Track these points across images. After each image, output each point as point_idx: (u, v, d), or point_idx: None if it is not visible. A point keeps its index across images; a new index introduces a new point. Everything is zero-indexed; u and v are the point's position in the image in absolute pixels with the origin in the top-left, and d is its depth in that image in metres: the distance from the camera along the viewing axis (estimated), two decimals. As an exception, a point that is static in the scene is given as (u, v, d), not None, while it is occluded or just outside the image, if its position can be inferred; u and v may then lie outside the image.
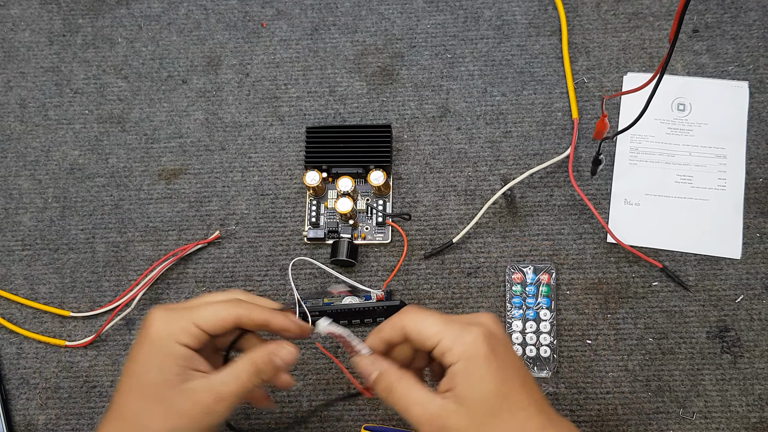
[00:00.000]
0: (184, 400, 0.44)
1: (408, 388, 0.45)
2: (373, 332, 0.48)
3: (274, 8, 0.71)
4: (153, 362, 0.44)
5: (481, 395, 0.44)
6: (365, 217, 0.64)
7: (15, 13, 0.72)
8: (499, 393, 0.44)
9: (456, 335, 0.44)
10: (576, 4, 0.69)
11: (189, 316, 0.45)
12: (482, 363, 0.44)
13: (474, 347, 0.44)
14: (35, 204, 0.67)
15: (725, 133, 0.65)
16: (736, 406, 0.59)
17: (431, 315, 0.46)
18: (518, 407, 0.44)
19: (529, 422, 0.44)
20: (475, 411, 0.43)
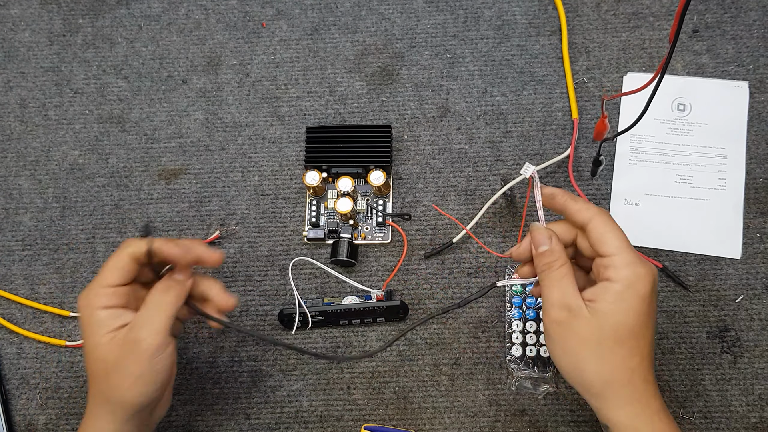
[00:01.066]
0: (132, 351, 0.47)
1: (564, 275, 0.47)
2: (565, 194, 0.50)
3: (274, 8, 0.71)
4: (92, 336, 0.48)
5: (618, 322, 0.45)
6: (365, 217, 0.64)
7: (15, 13, 0.72)
8: (633, 331, 0.46)
9: (632, 261, 0.46)
10: (576, 4, 0.69)
11: (95, 281, 0.49)
12: (638, 298, 0.45)
13: (641, 281, 0.46)
14: (35, 204, 0.67)
15: (725, 133, 0.65)
16: (736, 406, 0.59)
17: (620, 230, 0.48)
18: (638, 352, 0.46)
19: (639, 369, 0.46)
20: (602, 330, 0.45)
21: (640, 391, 0.46)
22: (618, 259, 0.46)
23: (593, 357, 0.46)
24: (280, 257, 0.64)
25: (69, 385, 0.62)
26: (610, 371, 0.46)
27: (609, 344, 0.46)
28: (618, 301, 0.46)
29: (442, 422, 0.59)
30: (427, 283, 0.63)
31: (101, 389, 0.48)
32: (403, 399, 0.60)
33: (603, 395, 0.47)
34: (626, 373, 0.46)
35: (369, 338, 0.62)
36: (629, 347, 0.46)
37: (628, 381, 0.46)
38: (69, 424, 0.61)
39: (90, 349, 0.48)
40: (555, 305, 0.47)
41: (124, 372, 0.47)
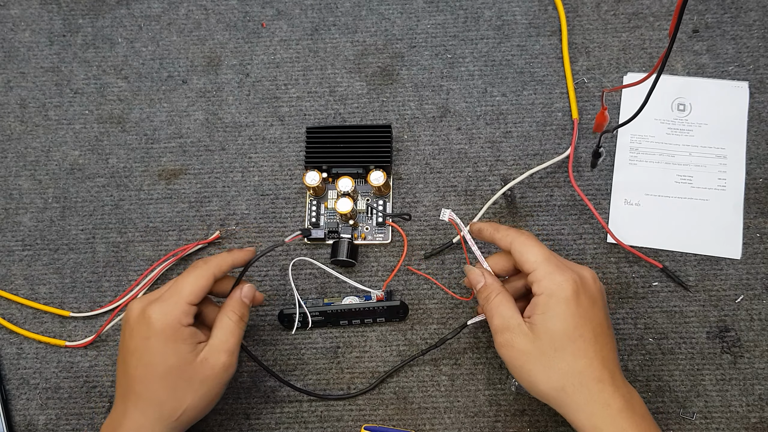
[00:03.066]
0: (203, 369, 0.51)
1: (500, 302, 0.52)
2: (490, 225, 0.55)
3: (274, 8, 0.71)
4: (169, 350, 0.50)
5: (550, 330, 0.49)
6: (365, 217, 0.64)
7: (15, 13, 0.72)
8: (568, 334, 0.48)
9: (550, 271, 0.50)
10: (576, 4, 0.69)
11: (180, 297, 0.51)
12: (561, 303, 0.49)
13: (560, 287, 0.49)
14: (35, 204, 0.67)
15: (725, 133, 0.65)
16: (736, 406, 0.59)
17: (539, 245, 0.52)
18: (582, 354, 0.48)
19: (588, 371, 0.48)
20: (541, 341, 0.49)
21: (595, 392, 0.48)
22: (538, 273, 0.50)
23: (540, 368, 0.49)
24: (280, 257, 0.64)
25: (69, 385, 0.62)
26: (558, 378, 0.48)
27: (550, 353, 0.49)
28: (545, 311, 0.49)
29: (442, 422, 0.59)
30: (427, 283, 0.63)
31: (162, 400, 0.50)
32: (403, 399, 0.60)
33: (560, 402, 0.49)
34: (575, 377, 0.48)
35: (369, 338, 0.61)
36: (571, 352, 0.48)
37: (579, 384, 0.48)
38: (69, 424, 0.61)
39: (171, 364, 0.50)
40: (498, 330, 0.51)
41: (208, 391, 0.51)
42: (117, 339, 0.63)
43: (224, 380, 0.52)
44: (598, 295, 0.51)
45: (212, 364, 0.51)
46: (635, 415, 0.48)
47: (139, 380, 0.50)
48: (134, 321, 0.51)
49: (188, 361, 0.50)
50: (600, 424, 0.48)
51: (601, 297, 0.51)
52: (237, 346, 0.53)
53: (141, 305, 0.51)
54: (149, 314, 0.50)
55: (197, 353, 0.51)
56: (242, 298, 0.54)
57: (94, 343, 0.63)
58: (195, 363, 0.51)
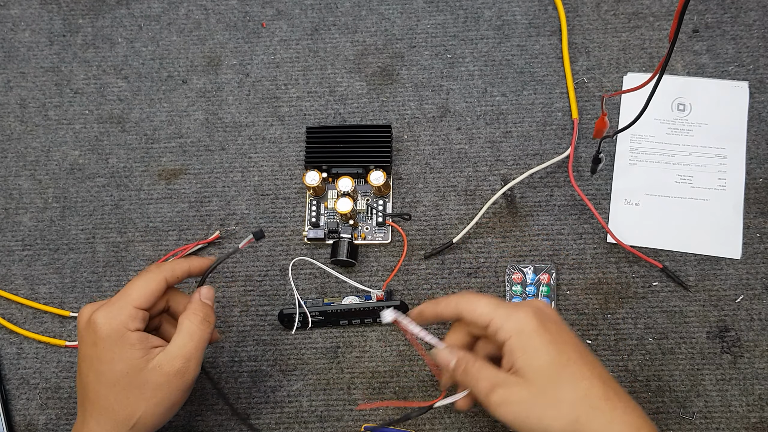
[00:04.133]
0: (156, 375, 0.48)
1: (479, 368, 0.49)
2: (428, 303, 0.52)
3: (274, 8, 0.71)
4: (116, 356, 0.48)
5: (538, 365, 0.46)
6: (365, 217, 0.64)
7: (15, 13, 0.72)
8: (557, 362, 0.46)
9: (507, 313, 0.48)
10: (576, 4, 0.69)
11: (126, 302, 0.49)
12: (534, 335, 0.47)
13: (524, 322, 0.47)
14: (35, 204, 0.67)
15: (725, 133, 0.65)
16: (736, 406, 0.59)
17: (484, 297, 0.50)
18: (580, 377, 0.46)
19: (592, 391, 0.46)
20: (535, 381, 0.46)
21: (608, 412, 0.45)
22: (497, 320, 0.48)
23: (546, 409, 0.46)
24: (280, 257, 0.64)
25: (69, 385, 0.62)
26: (568, 411, 0.46)
27: (549, 390, 0.46)
28: (524, 351, 0.47)
29: (442, 422, 0.59)
30: (427, 283, 0.63)
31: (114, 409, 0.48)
32: (403, 399, 0.60)
33: None
34: (583, 402, 0.46)
35: (369, 338, 0.62)
36: (567, 379, 0.46)
37: (590, 408, 0.46)
38: (69, 424, 0.61)
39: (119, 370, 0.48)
40: (488, 392, 0.48)
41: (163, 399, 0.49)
42: (117, 339, 0.63)
43: (181, 387, 0.49)
44: (557, 316, 0.50)
45: (166, 370, 0.48)
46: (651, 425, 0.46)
47: (91, 388, 0.49)
48: (82, 327, 0.50)
49: (138, 367, 0.48)
50: None
51: (559, 317, 0.50)
52: (197, 351, 0.50)
53: (89, 311, 0.50)
54: (95, 319, 0.49)
55: (149, 359, 0.49)
56: (202, 299, 0.52)
57: (94, 343, 0.63)
58: (146, 369, 0.48)
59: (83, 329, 0.50)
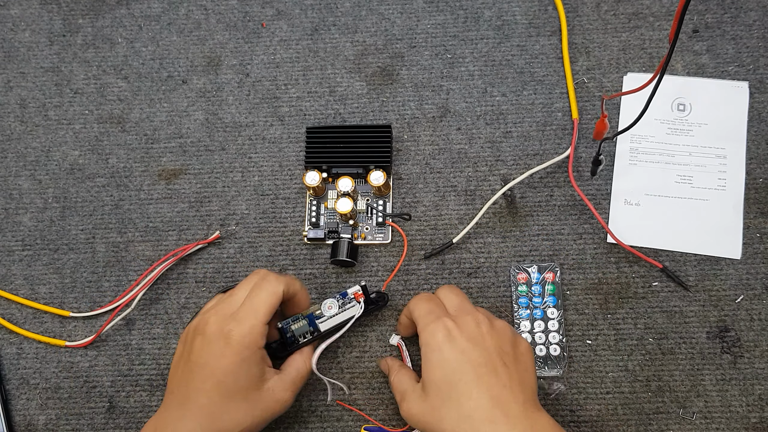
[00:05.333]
0: (266, 397, 0.52)
1: (397, 378, 0.54)
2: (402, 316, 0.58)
3: (274, 8, 0.71)
4: (242, 371, 0.50)
5: (431, 380, 0.49)
6: (365, 217, 0.64)
7: (15, 13, 0.72)
8: (447, 381, 0.48)
9: (427, 323, 0.51)
10: (576, 4, 0.69)
11: (258, 318, 0.51)
12: (435, 351, 0.49)
13: (431, 335, 0.50)
14: (35, 204, 0.67)
15: (725, 133, 0.65)
16: (736, 407, 0.59)
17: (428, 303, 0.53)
18: (466, 397, 0.47)
19: (477, 413, 0.47)
20: (430, 395, 0.49)
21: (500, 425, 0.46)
22: (418, 326, 0.52)
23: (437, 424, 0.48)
24: (280, 257, 0.64)
25: (69, 385, 0.62)
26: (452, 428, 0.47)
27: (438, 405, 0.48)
28: (426, 364, 0.50)
29: (442, 422, 0.59)
30: (427, 284, 0.63)
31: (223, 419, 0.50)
32: (403, 399, 0.60)
33: None
34: (465, 422, 0.47)
35: (369, 338, 0.62)
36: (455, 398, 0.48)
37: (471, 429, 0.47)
38: (69, 424, 0.61)
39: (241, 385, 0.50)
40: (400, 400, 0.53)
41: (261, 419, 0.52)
42: (117, 339, 0.63)
43: (277, 413, 0.53)
44: (480, 337, 0.50)
45: (277, 396, 0.52)
46: None
47: (204, 393, 0.50)
48: (212, 336, 0.51)
49: (256, 386, 0.51)
50: None
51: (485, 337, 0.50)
52: (299, 387, 0.54)
53: (219, 321, 0.51)
54: (229, 332, 0.50)
55: (265, 380, 0.52)
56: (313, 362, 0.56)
57: (94, 343, 0.63)
58: (262, 389, 0.51)
59: (213, 338, 0.51)
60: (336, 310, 0.57)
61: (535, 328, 0.60)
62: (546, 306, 0.61)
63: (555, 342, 0.60)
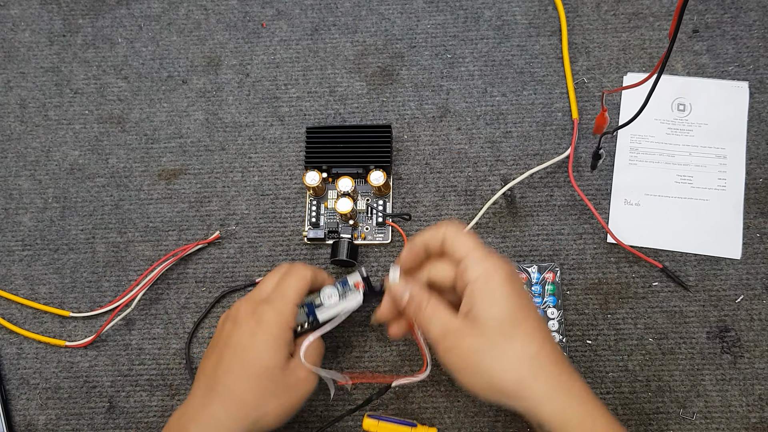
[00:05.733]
0: (291, 377, 0.50)
1: (433, 308, 0.48)
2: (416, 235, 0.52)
3: (274, 8, 0.71)
4: (270, 351, 0.50)
5: (496, 315, 0.46)
6: (365, 217, 0.64)
7: (15, 13, 0.72)
8: (514, 317, 0.45)
9: (482, 257, 0.47)
10: (576, 4, 0.69)
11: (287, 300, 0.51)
12: (503, 283, 0.46)
13: (497, 267, 0.47)
14: (35, 204, 0.67)
15: (725, 133, 0.65)
16: (736, 407, 0.59)
17: (470, 234, 0.50)
18: (532, 338, 0.46)
19: (542, 353, 0.45)
20: (489, 331, 0.45)
21: (555, 377, 0.45)
22: (470, 259, 0.47)
23: (495, 363, 0.45)
24: (280, 257, 0.64)
25: (69, 385, 0.62)
26: (515, 368, 0.45)
27: (500, 342, 0.45)
28: (486, 296, 0.46)
29: (442, 422, 0.59)
30: (427, 283, 0.63)
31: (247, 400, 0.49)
32: (403, 399, 0.60)
33: (520, 396, 0.45)
34: (532, 363, 0.45)
35: (369, 338, 0.62)
36: (520, 337, 0.45)
37: (539, 369, 0.45)
38: (69, 424, 0.61)
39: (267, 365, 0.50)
40: (439, 337, 0.47)
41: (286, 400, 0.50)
42: (117, 339, 0.63)
43: (305, 393, 0.52)
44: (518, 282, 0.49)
45: (300, 375, 0.51)
46: (594, 398, 0.46)
47: (230, 374, 0.49)
48: (243, 317, 0.51)
49: (282, 366, 0.50)
50: (568, 415, 0.44)
51: None
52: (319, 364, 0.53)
53: (249, 305, 0.52)
54: (261, 313, 0.51)
55: (290, 361, 0.51)
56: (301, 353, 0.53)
57: (94, 343, 0.63)
58: (287, 370, 0.50)
59: (244, 319, 0.51)
60: (336, 299, 0.56)
61: (535, 328, 0.60)
62: (546, 306, 0.61)
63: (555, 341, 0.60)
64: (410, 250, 0.52)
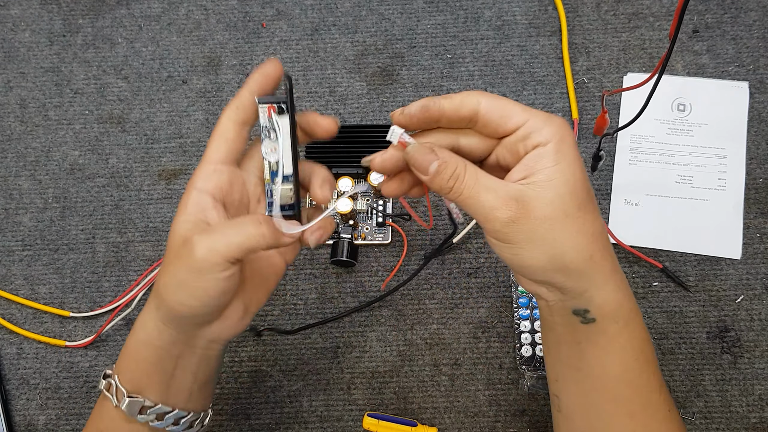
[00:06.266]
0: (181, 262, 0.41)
1: (476, 175, 0.39)
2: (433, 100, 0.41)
3: (274, 8, 0.71)
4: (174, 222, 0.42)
5: (569, 182, 0.39)
6: (365, 217, 0.64)
7: (15, 13, 0.72)
8: (585, 187, 0.40)
9: (547, 117, 0.39)
10: (576, 4, 0.69)
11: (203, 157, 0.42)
12: (573, 149, 0.39)
13: (566, 131, 0.39)
14: (35, 204, 0.67)
15: (725, 133, 0.65)
16: (736, 407, 0.59)
17: (513, 101, 0.40)
18: (597, 214, 0.40)
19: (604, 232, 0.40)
20: (562, 198, 0.39)
21: (613, 259, 0.41)
22: (533, 123, 0.39)
23: (567, 234, 0.39)
24: (280, 257, 0.64)
25: (69, 385, 0.62)
26: (587, 244, 0.39)
27: (574, 212, 0.39)
28: (559, 161, 0.39)
29: (442, 422, 0.59)
30: (427, 283, 0.63)
31: (157, 278, 0.43)
32: (403, 399, 0.60)
33: (587, 274, 0.40)
34: (600, 239, 0.40)
35: (369, 338, 0.62)
36: (591, 210, 0.40)
37: (604, 248, 0.40)
38: (69, 424, 0.61)
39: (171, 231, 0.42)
40: (496, 207, 0.38)
41: (172, 273, 0.41)
42: (117, 339, 0.63)
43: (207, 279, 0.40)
44: None
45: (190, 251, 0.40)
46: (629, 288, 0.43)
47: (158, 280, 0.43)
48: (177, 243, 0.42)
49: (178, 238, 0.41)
50: (623, 299, 0.41)
51: None
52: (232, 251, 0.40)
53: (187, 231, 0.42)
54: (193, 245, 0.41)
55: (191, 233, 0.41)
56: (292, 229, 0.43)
57: (94, 343, 0.63)
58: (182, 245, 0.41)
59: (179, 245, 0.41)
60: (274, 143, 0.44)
61: (535, 328, 0.60)
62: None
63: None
64: (423, 113, 0.41)
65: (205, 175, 0.42)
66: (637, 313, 0.43)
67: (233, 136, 0.43)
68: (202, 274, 0.40)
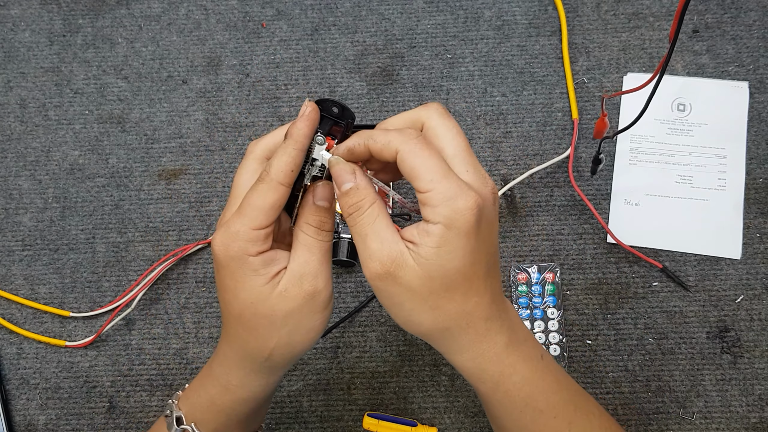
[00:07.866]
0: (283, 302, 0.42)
1: (375, 216, 0.41)
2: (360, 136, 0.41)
3: (274, 8, 0.71)
4: (238, 286, 0.42)
5: (443, 268, 0.40)
6: (365, 217, 0.64)
7: (15, 13, 0.72)
8: (462, 273, 0.40)
9: (449, 196, 0.39)
10: (576, 4, 0.69)
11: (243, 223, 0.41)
12: (461, 237, 0.39)
13: (462, 217, 0.39)
14: (35, 204, 0.67)
15: (725, 133, 0.65)
16: (736, 407, 0.59)
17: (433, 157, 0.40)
18: (474, 293, 0.41)
19: (477, 310, 0.42)
20: (431, 278, 0.40)
21: (482, 332, 0.42)
22: (433, 196, 0.39)
23: (425, 309, 0.40)
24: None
25: (69, 385, 0.62)
26: (444, 320, 0.41)
27: (440, 293, 0.40)
28: (441, 245, 0.39)
29: (442, 422, 0.59)
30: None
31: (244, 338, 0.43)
32: (403, 399, 0.60)
33: (441, 342, 0.42)
34: (463, 318, 0.41)
35: (369, 338, 0.62)
36: (462, 292, 0.41)
37: (466, 325, 0.41)
38: (69, 425, 0.61)
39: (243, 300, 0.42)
40: (374, 257, 0.40)
41: (297, 326, 0.42)
42: (117, 339, 0.63)
43: (314, 309, 0.42)
44: (496, 219, 0.42)
45: (293, 294, 0.42)
46: (520, 345, 0.43)
47: (225, 316, 0.44)
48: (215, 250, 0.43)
49: (263, 296, 0.42)
50: (486, 365, 0.42)
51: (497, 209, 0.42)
52: (321, 265, 0.42)
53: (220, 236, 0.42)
54: (212, 245, 0.42)
55: (274, 285, 0.42)
56: (316, 203, 0.43)
57: (94, 343, 0.63)
58: (272, 297, 0.42)
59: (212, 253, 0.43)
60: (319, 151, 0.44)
61: (535, 328, 0.60)
62: (546, 306, 0.61)
63: (555, 342, 0.60)
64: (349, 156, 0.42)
65: None
66: (511, 375, 0.43)
67: None
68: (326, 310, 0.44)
